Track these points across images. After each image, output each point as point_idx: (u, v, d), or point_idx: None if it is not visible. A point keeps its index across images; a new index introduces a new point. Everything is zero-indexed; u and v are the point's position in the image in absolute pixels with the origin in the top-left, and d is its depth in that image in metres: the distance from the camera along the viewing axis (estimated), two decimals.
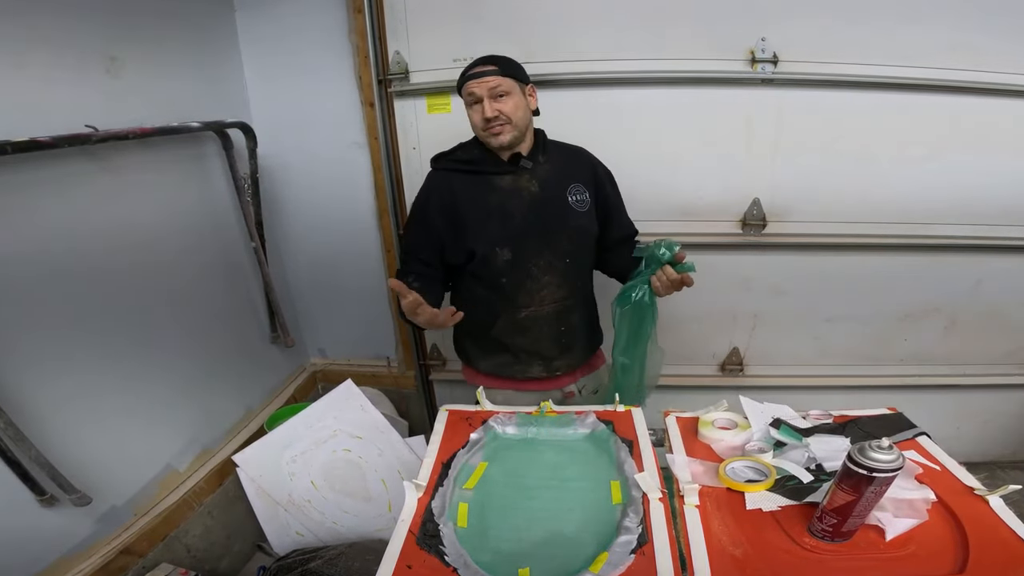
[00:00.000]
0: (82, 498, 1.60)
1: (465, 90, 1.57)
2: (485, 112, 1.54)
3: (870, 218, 2.25)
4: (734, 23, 2.00)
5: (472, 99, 1.56)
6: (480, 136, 1.62)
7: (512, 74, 1.56)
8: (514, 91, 1.56)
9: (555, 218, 1.65)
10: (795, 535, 1.01)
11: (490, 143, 1.60)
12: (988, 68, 1.97)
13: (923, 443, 1.27)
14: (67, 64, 1.58)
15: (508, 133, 1.57)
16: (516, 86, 1.57)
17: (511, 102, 1.55)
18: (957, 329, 2.47)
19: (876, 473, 0.90)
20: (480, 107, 1.55)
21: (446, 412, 1.47)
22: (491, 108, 1.53)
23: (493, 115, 1.53)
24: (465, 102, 1.60)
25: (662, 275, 1.52)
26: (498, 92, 1.53)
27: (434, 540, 1.05)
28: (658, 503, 1.10)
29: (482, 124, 1.57)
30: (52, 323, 1.58)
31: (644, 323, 1.62)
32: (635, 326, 1.63)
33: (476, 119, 1.58)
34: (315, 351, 2.94)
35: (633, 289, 1.58)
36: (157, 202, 1.92)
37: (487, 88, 1.53)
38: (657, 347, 1.69)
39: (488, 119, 1.54)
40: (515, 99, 1.56)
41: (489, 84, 1.53)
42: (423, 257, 1.69)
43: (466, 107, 1.60)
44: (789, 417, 1.37)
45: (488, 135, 1.58)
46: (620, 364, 1.69)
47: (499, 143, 1.58)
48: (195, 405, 2.12)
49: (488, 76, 1.53)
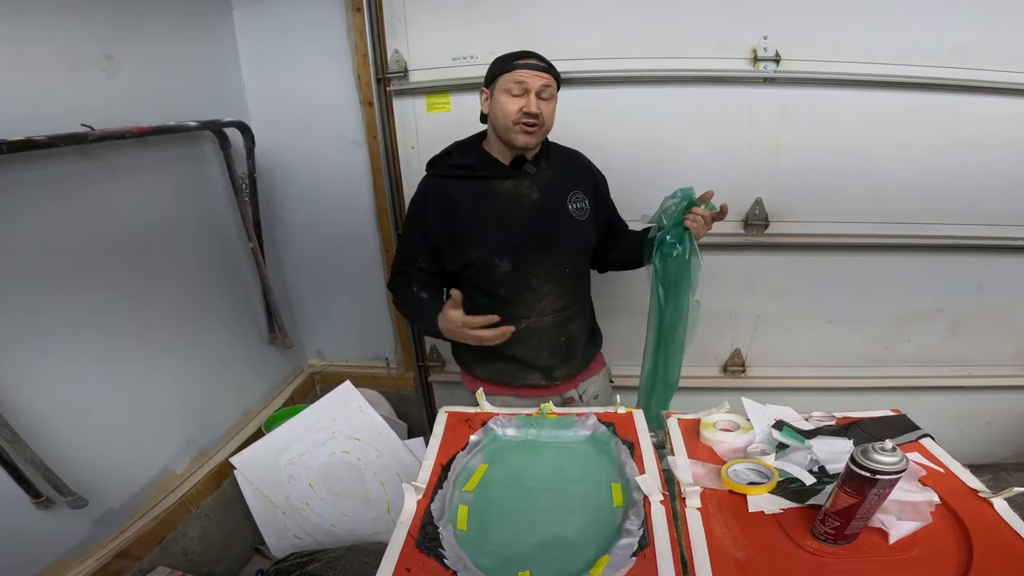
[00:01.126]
0: (78, 500, 1.59)
1: (511, 76, 1.47)
2: (531, 106, 1.47)
3: (873, 218, 2.24)
4: (736, 21, 2.00)
5: (518, 88, 1.47)
6: (504, 128, 1.52)
7: (557, 79, 1.53)
8: (555, 97, 1.54)
9: (556, 227, 1.62)
10: (797, 538, 1.00)
11: (514, 140, 1.52)
12: (992, 67, 1.96)
13: (927, 445, 1.26)
14: (63, 63, 1.57)
15: (537, 137, 1.53)
16: (555, 94, 1.54)
17: (551, 107, 1.53)
18: (961, 330, 2.46)
19: (879, 475, 0.89)
20: (525, 99, 1.47)
21: (445, 414, 1.45)
22: (536, 104, 1.48)
23: (537, 111, 1.48)
24: (502, 88, 1.50)
25: (696, 216, 1.51)
26: (544, 94, 1.49)
27: (433, 543, 1.03)
28: (659, 505, 1.08)
29: (518, 117, 1.48)
30: (48, 324, 1.57)
31: (683, 274, 1.60)
32: (674, 279, 1.60)
33: (512, 109, 1.48)
34: (313, 352, 2.93)
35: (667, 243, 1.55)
36: (154, 202, 1.91)
37: (540, 83, 1.48)
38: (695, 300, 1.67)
39: (530, 115, 1.48)
40: (553, 104, 1.54)
41: (543, 80, 1.48)
42: (424, 266, 1.66)
43: (500, 93, 1.50)
44: (791, 419, 1.36)
45: (518, 131, 1.50)
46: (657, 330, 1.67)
47: (525, 143, 1.52)
48: (192, 407, 2.11)
49: (543, 72, 1.48)
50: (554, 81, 1.51)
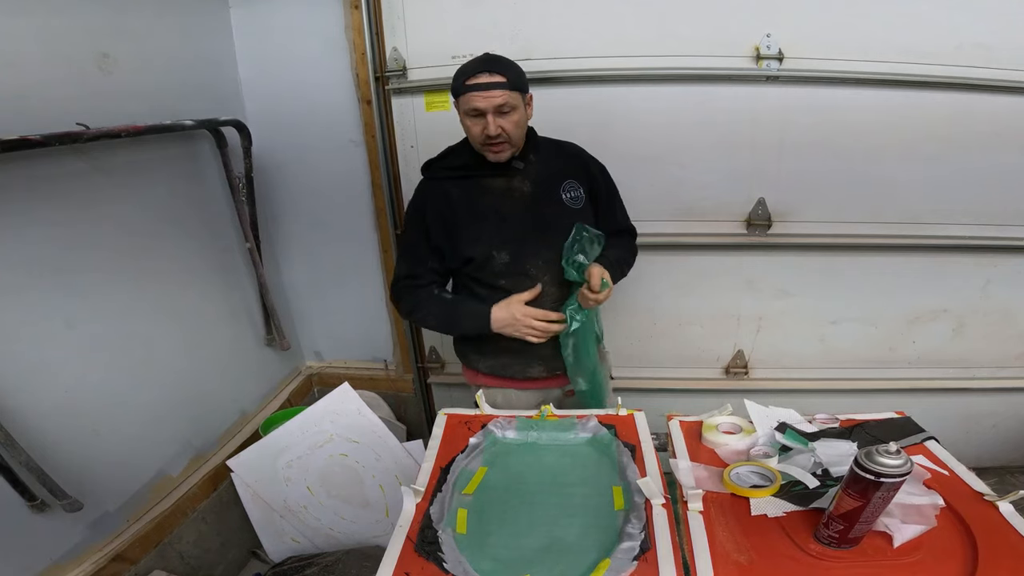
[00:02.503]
0: (73, 504, 1.58)
1: (466, 100, 1.46)
2: (489, 129, 1.45)
3: (877, 218, 2.23)
4: (739, 19, 1.99)
5: (474, 112, 1.46)
6: (476, 145, 1.55)
7: (517, 86, 1.48)
8: (518, 105, 1.49)
9: (550, 217, 1.63)
10: (801, 541, 1.00)
11: (487, 156, 1.55)
12: (998, 65, 1.95)
13: (931, 447, 1.26)
14: (58, 60, 1.56)
15: (507, 151, 1.53)
16: (520, 99, 1.50)
17: (514, 118, 1.49)
18: (966, 331, 2.45)
19: (883, 478, 0.89)
20: (482, 121, 1.46)
21: (445, 416, 1.45)
22: (495, 126, 1.46)
23: (497, 132, 1.47)
24: (462, 110, 1.50)
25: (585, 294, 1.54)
26: (503, 109, 1.46)
27: (432, 547, 1.03)
28: (661, 509, 1.08)
29: (482, 139, 1.49)
30: (44, 325, 1.56)
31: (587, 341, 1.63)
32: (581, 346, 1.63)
33: (476, 132, 1.49)
34: (311, 354, 2.92)
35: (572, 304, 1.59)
36: (149, 202, 1.90)
37: (493, 104, 1.44)
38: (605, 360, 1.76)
39: (491, 136, 1.47)
40: (518, 114, 1.50)
41: (496, 100, 1.43)
42: (433, 266, 1.67)
43: (462, 115, 1.51)
44: (795, 421, 1.36)
45: (487, 150, 1.52)
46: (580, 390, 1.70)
47: (496, 159, 1.54)
48: (188, 409, 2.10)
49: (495, 90, 1.44)
50: (511, 92, 1.46)
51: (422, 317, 1.71)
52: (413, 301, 1.69)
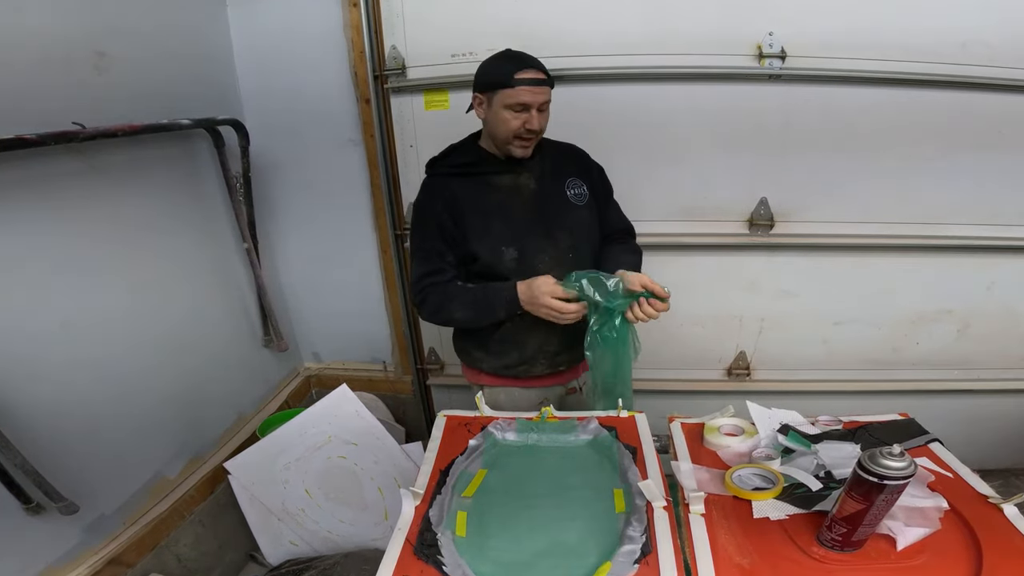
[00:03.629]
0: (69, 506, 1.57)
1: (513, 95, 1.46)
2: (532, 124, 1.48)
3: (880, 218, 2.23)
4: (741, 18, 1.98)
5: (519, 106, 1.47)
6: (503, 140, 1.54)
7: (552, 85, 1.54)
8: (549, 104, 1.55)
9: (555, 213, 1.64)
10: (803, 544, 1.00)
11: (512, 152, 1.55)
12: (1002, 64, 1.94)
13: (935, 450, 1.27)
14: (54, 59, 1.55)
15: (532, 147, 1.56)
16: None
17: (546, 116, 1.54)
18: (970, 332, 2.44)
19: (887, 481, 0.89)
20: (525, 115, 1.48)
21: (444, 418, 1.45)
22: (538, 122, 1.50)
23: (540, 128, 1.51)
24: (503, 103, 1.48)
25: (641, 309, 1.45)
26: (543, 106, 1.51)
27: (432, 550, 1.03)
28: (662, 511, 1.08)
29: (520, 133, 1.50)
30: (41, 326, 1.56)
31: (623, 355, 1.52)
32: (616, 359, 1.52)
33: (515, 126, 1.49)
34: (309, 355, 2.91)
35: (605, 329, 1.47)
36: (146, 201, 1.89)
37: (540, 100, 1.48)
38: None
39: (531, 131, 1.50)
40: (548, 112, 1.55)
41: (542, 97, 1.48)
42: (451, 260, 1.65)
43: (500, 107, 1.49)
44: (797, 423, 1.36)
45: (517, 145, 1.53)
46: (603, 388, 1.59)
47: (523, 155, 1.56)
48: (185, 411, 2.09)
49: (544, 86, 1.49)
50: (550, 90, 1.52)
51: (451, 311, 1.64)
52: (440, 297, 1.63)
